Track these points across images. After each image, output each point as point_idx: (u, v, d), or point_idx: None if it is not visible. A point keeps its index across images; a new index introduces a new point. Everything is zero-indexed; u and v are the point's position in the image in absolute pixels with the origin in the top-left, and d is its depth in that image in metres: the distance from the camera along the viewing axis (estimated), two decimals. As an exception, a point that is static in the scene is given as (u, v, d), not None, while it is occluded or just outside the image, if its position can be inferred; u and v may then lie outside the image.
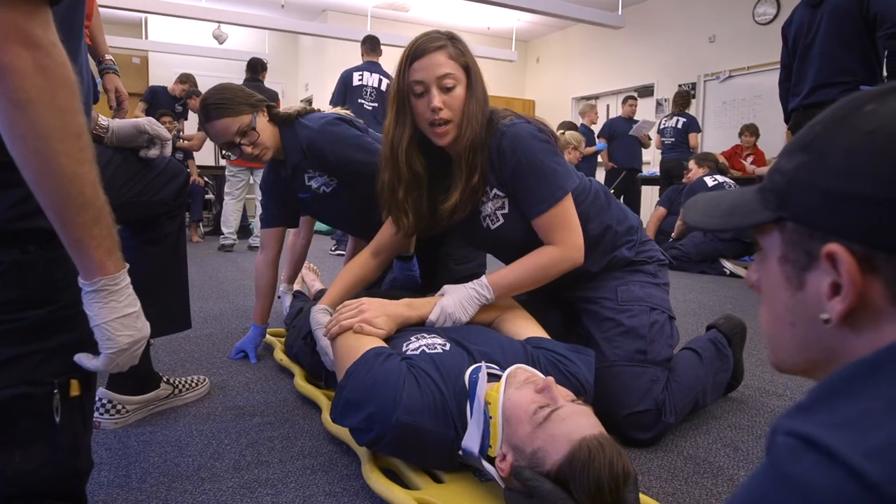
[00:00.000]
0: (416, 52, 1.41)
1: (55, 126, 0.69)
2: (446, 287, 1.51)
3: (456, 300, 1.46)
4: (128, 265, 0.84)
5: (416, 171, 1.51)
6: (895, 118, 0.43)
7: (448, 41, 1.43)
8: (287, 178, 2.02)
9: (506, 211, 1.51)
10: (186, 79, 6.35)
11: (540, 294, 1.65)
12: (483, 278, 1.48)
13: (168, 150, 1.48)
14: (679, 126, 6.29)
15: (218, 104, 1.80)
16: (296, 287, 2.66)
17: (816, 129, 0.49)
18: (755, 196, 0.55)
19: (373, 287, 2.14)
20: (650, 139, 6.86)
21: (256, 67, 5.46)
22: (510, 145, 1.43)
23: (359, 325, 1.34)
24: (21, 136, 0.68)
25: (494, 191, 1.50)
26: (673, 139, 6.31)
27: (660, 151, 6.55)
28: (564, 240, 1.46)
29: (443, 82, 1.40)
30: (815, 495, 0.34)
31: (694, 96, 7.71)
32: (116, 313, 0.82)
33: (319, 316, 1.57)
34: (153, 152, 1.43)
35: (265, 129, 1.87)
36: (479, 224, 1.56)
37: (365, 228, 1.99)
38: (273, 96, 5.46)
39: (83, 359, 0.86)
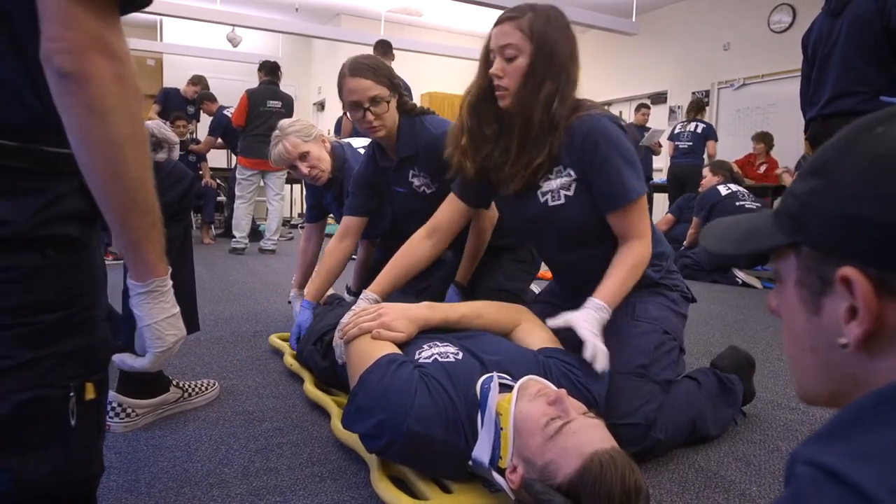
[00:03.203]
0: (496, 20, 1.47)
1: (128, 134, 0.72)
2: (570, 318, 1.36)
3: (591, 328, 1.34)
4: (171, 268, 0.88)
5: (479, 126, 1.55)
6: None
7: (527, 13, 1.43)
8: (388, 168, 2.04)
9: (570, 193, 1.48)
10: (198, 80, 6.39)
11: (558, 309, 1.64)
12: (596, 301, 1.38)
13: (175, 154, 1.49)
14: (698, 131, 6.22)
15: (369, 65, 1.87)
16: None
17: (828, 153, 0.49)
18: (771, 220, 0.55)
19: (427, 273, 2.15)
20: (661, 146, 6.83)
21: (275, 70, 5.47)
22: (602, 134, 1.42)
23: (377, 331, 1.34)
24: (95, 143, 0.71)
25: (568, 170, 1.48)
26: (690, 143, 6.24)
27: (671, 157, 6.49)
28: (645, 232, 1.48)
29: (504, 51, 1.43)
30: None
31: (707, 104, 7.68)
32: (165, 313, 0.87)
33: (361, 302, 1.59)
34: (160, 156, 1.44)
35: (391, 112, 1.91)
36: (535, 199, 1.52)
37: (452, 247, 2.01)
38: (289, 101, 5.48)
39: (126, 359, 0.91)
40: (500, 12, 1.50)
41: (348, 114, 1.92)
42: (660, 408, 1.42)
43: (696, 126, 6.26)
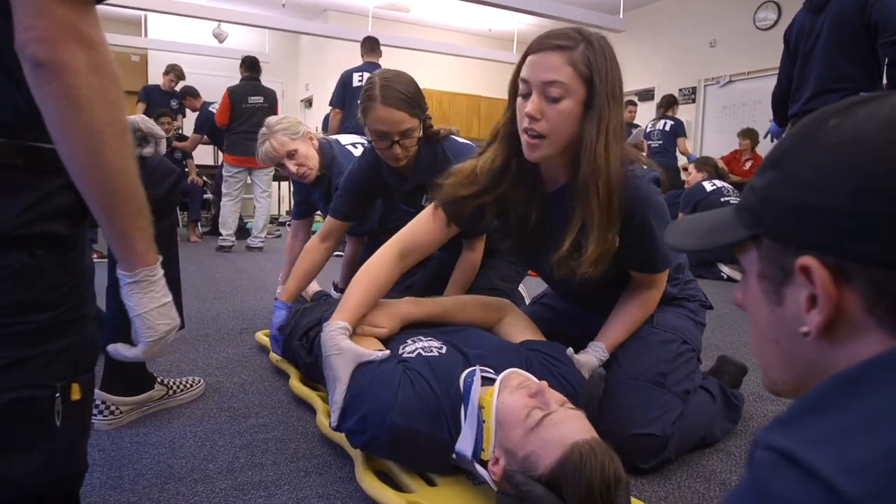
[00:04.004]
0: (534, 44, 1.22)
1: (107, 122, 0.72)
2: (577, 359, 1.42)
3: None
4: (161, 257, 0.88)
5: (525, 170, 1.32)
6: (858, 132, 0.44)
7: (580, 43, 1.19)
8: (395, 186, 1.93)
9: None
10: (171, 69, 6.30)
11: (567, 317, 1.66)
12: (599, 345, 1.43)
13: (162, 149, 1.48)
14: (667, 129, 6.24)
15: (404, 96, 1.70)
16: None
17: (784, 146, 0.51)
18: (733, 215, 0.56)
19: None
20: (645, 142, 6.88)
21: (254, 65, 5.42)
22: (641, 205, 1.27)
23: (360, 327, 1.35)
24: (74, 132, 0.71)
25: None
26: (660, 142, 6.25)
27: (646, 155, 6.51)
28: (662, 283, 1.46)
29: (548, 89, 1.18)
30: None
31: (694, 100, 7.73)
32: (155, 303, 0.87)
33: (339, 339, 1.27)
34: (147, 150, 1.43)
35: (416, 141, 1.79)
36: None
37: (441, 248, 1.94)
38: (272, 95, 5.44)
39: (120, 349, 0.91)
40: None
41: (372, 139, 1.78)
42: (677, 420, 1.37)
43: (665, 124, 6.26)
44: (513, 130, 1.29)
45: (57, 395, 0.82)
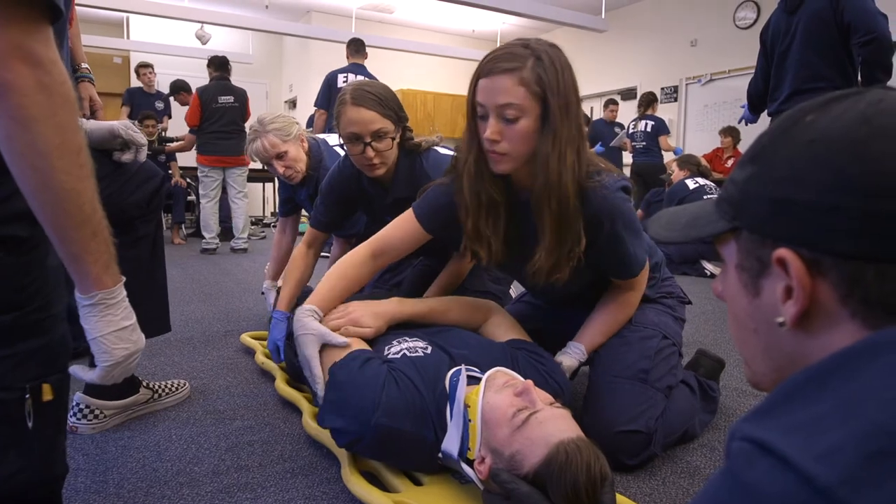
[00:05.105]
0: (483, 68, 1.21)
1: (55, 143, 0.70)
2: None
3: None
4: (124, 278, 0.85)
5: (491, 197, 1.32)
6: (833, 128, 0.46)
7: (528, 60, 1.17)
8: (377, 197, 1.89)
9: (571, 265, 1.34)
10: (138, 69, 6.23)
11: (549, 315, 1.67)
12: (579, 346, 1.46)
13: (143, 156, 1.47)
14: (649, 129, 6.30)
15: (374, 95, 1.67)
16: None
17: (763, 141, 0.52)
18: (713, 207, 0.57)
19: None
20: (629, 142, 6.92)
21: (224, 64, 5.37)
22: (611, 214, 1.27)
23: (345, 328, 1.35)
24: (20, 153, 0.69)
25: None
26: (644, 143, 6.31)
27: (632, 155, 6.57)
28: (642, 284, 1.48)
29: (503, 111, 1.19)
30: (769, 502, 0.35)
31: (676, 99, 7.80)
32: (113, 327, 0.84)
33: (307, 320, 1.34)
34: (127, 157, 1.42)
35: (394, 149, 1.73)
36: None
37: (429, 253, 1.89)
38: (242, 94, 5.38)
39: (79, 371, 0.88)
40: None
41: (346, 146, 1.74)
42: (661, 416, 1.38)
43: (646, 124, 6.32)
44: (482, 168, 1.30)
45: (27, 396, 0.81)
